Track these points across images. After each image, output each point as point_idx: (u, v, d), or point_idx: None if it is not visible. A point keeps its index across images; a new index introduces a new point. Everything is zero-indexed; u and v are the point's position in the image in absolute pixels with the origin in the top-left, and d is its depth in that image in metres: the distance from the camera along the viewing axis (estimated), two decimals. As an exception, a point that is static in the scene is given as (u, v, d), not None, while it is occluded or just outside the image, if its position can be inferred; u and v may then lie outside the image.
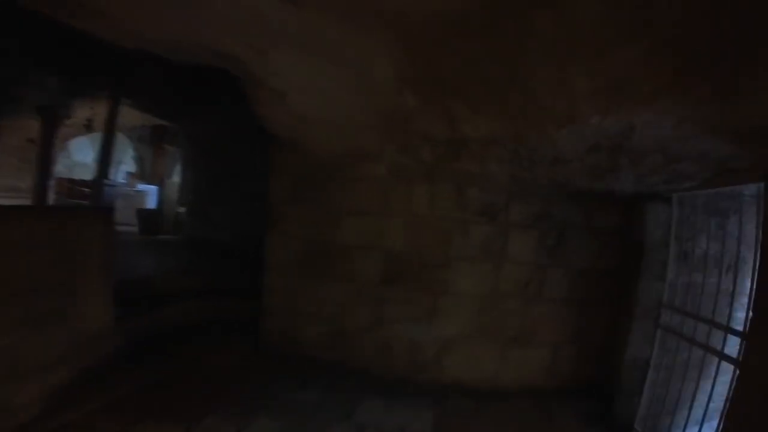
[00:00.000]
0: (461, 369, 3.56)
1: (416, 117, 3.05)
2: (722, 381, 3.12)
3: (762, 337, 2.49)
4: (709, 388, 3.13)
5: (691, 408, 3.21)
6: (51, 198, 8.67)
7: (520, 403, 3.48)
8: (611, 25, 2.16)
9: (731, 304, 3.22)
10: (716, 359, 3.08)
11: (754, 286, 2.59)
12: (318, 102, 3.23)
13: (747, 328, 2.67)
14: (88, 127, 9.94)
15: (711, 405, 3.14)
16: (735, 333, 3.03)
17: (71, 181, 12.27)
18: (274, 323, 3.99)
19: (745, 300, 3.57)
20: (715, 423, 2.93)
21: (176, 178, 10.78)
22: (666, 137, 2.60)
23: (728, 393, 2.84)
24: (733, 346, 3.02)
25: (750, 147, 2.51)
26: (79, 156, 13.85)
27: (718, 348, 3.05)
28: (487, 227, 3.47)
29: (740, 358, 2.74)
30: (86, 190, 10.74)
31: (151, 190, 11.47)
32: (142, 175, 12.84)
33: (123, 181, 13.25)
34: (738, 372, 2.64)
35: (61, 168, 11.35)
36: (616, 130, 2.59)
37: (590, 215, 3.61)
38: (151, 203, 11.15)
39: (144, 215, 9.19)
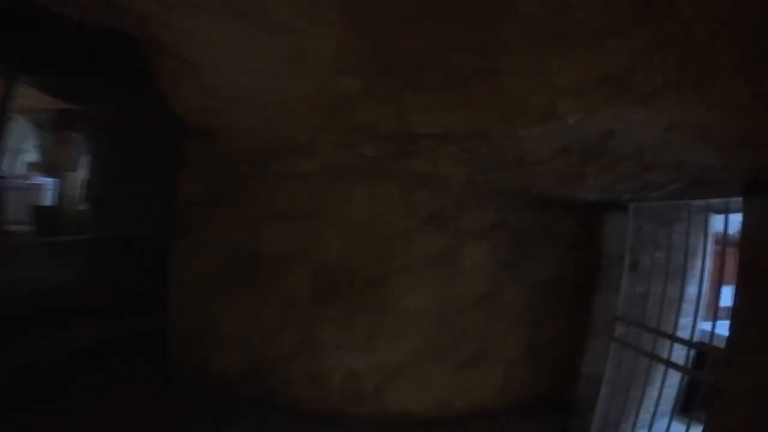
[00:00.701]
0: (408, 397, 3.11)
1: (359, 105, 2.52)
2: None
3: (739, 354, 2.32)
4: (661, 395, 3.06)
5: (654, 417, 3.06)
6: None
7: (476, 428, 3.15)
8: (611, 14, 1.79)
9: (696, 315, 3.12)
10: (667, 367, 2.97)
11: (734, 303, 2.39)
12: (241, 80, 2.60)
13: (725, 345, 2.48)
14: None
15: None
16: (694, 346, 2.97)
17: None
18: (187, 350, 3.32)
19: (691, 307, 3.50)
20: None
21: (84, 169, 9.56)
22: (646, 143, 2.29)
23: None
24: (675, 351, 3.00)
25: (733, 158, 2.25)
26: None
27: (675, 359, 2.97)
28: (437, 236, 3.03)
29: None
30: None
31: (52, 183, 10.11)
32: (46, 166, 11.35)
33: (20, 172, 11.66)
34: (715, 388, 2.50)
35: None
36: (594, 132, 2.23)
37: (549, 224, 3.30)
38: (51, 198, 9.82)
39: (42, 212, 7.96)
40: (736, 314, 2.33)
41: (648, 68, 1.82)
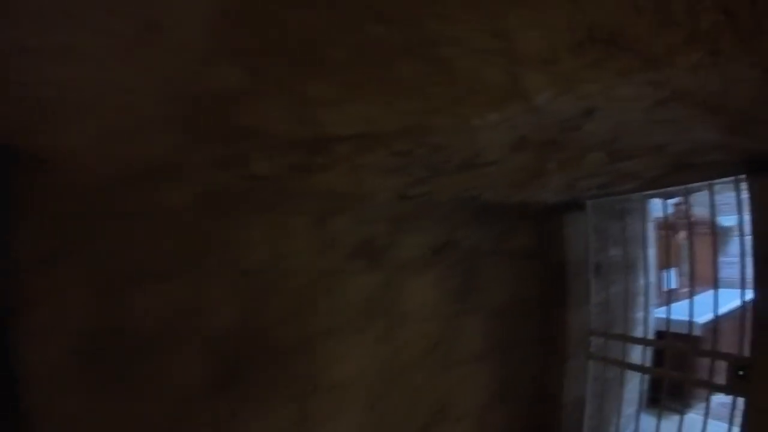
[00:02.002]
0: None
1: (244, 103, 1.73)
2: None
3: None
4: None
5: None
6: None
7: None
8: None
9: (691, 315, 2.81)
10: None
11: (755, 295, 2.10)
12: (70, 76, 1.70)
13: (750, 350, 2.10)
14: None
15: None
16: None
17: None
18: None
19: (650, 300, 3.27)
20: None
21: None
22: (628, 124, 1.74)
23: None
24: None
25: (741, 134, 1.77)
26: None
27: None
28: (369, 276, 2.28)
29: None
30: None
31: None
32: None
33: None
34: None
35: None
36: (566, 115, 1.64)
37: (502, 236, 2.72)
38: None
39: None
40: (758, 311, 2.02)
41: (663, 16, 1.23)
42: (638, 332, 3.04)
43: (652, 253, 3.69)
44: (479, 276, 2.61)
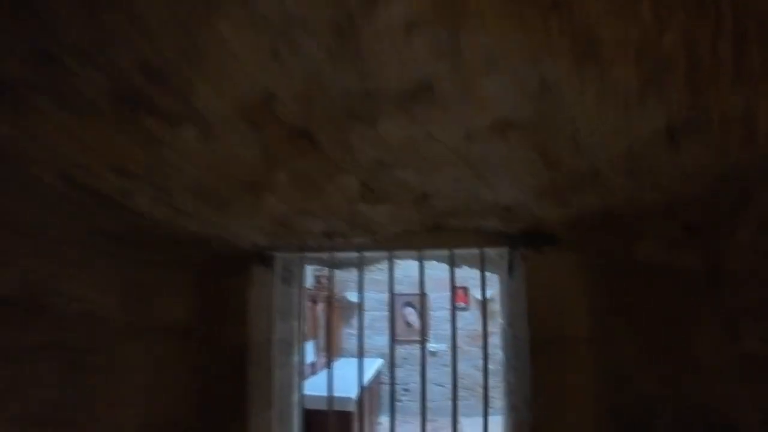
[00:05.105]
0: None
1: None
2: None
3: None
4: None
5: None
6: None
7: None
8: None
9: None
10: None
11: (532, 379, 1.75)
12: None
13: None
14: None
15: None
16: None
17: None
18: None
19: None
20: None
21: None
22: (429, 149, 1.09)
23: None
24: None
25: (553, 197, 1.37)
26: None
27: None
28: None
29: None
30: None
31: None
32: None
33: None
34: None
35: None
36: (391, 76, 0.83)
37: (145, 301, 1.48)
38: None
39: None
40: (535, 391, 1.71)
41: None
42: (295, 416, 2.36)
43: (304, 326, 3.24)
44: (95, 380, 1.25)
